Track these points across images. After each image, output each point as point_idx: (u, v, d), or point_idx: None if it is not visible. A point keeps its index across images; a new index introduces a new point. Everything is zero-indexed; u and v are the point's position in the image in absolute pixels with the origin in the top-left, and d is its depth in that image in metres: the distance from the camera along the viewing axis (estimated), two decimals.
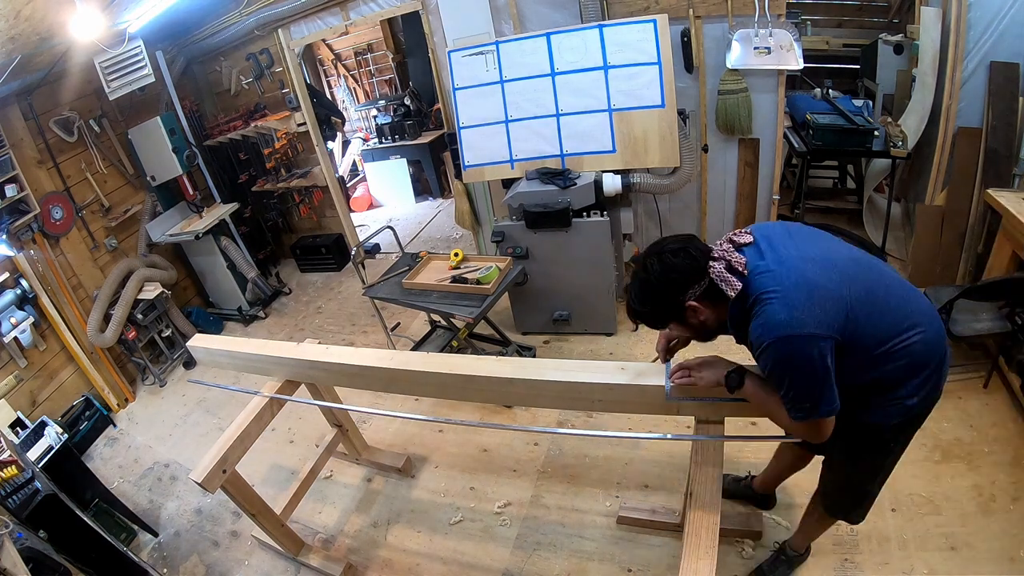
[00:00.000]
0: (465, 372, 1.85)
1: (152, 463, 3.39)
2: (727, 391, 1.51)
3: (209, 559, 2.69)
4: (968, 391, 2.68)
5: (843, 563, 2.07)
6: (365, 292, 3.25)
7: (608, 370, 1.71)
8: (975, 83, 3.04)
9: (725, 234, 1.46)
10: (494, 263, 3.08)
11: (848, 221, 4.26)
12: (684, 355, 1.71)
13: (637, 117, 3.24)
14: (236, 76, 4.77)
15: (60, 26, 2.99)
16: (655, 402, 1.68)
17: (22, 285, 3.60)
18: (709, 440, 1.62)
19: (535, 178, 3.33)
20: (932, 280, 3.28)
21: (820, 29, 4.93)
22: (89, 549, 2.27)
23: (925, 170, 3.40)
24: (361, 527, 2.66)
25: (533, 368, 1.79)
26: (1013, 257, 2.68)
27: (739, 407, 1.59)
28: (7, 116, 3.60)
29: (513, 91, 3.41)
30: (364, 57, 7.23)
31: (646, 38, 3.11)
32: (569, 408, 2.02)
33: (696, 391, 1.59)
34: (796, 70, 3.32)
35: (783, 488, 2.33)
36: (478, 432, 2.99)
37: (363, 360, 2.07)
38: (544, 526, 2.46)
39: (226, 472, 2.03)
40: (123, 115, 4.36)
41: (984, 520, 2.13)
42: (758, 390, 1.47)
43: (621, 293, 3.78)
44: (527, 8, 3.56)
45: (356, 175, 7.26)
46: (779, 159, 3.62)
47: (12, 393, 3.45)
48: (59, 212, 3.81)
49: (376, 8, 3.91)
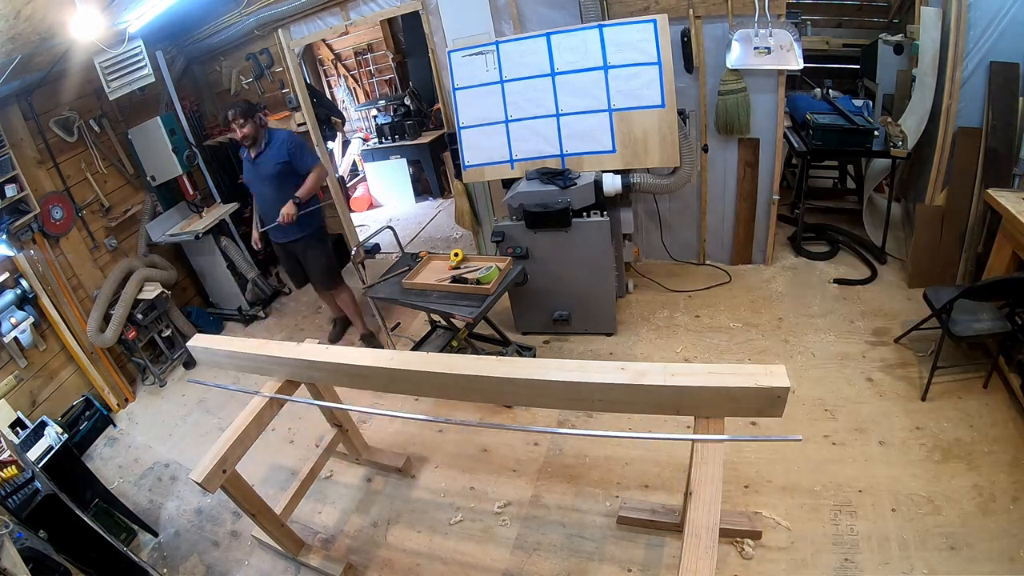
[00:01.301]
0: (465, 372, 1.85)
1: (152, 463, 3.39)
2: (297, 205, 3.28)
3: (209, 559, 2.69)
4: (968, 391, 2.68)
5: (843, 563, 2.07)
6: (365, 292, 3.25)
7: (608, 370, 1.71)
8: (975, 83, 3.04)
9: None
10: (494, 263, 3.08)
11: (848, 221, 4.26)
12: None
13: (637, 117, 3.24)
14: (236, 76, 4.77)
15: (60, 26, 2.99)
16: (655, 402, 1.68)
17: (22, 285, 3.60)
18: (709, 440, 1.62)
19: (535, 178, 3.33)
20: (932, 280, 3.28)
21: (820, 29, 4.94)
22: (89, 549, 2.27)
23: (925, 170, 3.41)
24: (361, 527, 2.66)
25: (533, 368, 1.79)
26: (1013, 257, 2.68)
27: (738, 407, 1.59)
28: (7, 116, 3.60)
29: (513, 91, 3.41)
30: (364, 57, 7.24)
31: (646, 38, 3.11)
32: (569, 408, 2.02)
33: (291, 214, 3.21)
34: (796, 70, 3.32)
35: (783, 487, 2.33)
36: (478, 432, 2.99)
37: (363, 360, 2.07)
38: (544, 526, 2.46)
39: (226, 472, 2.03)
40: (123, 115, 4.36)
41: (984, 520, 2.12)
42: (303, 188, 3.33)
43: (621, 292, 3.78)
44: (527, 8, 3.57)
45: (356, 175, 7.27)
46: (779, 159, 3.63)
47: (12, 393, 3.44)
48: (59, 212, 3.81)
49: (376, 8, 3.91)
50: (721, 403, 1.61)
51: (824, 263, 3.89)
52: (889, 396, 2.75)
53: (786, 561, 2.12)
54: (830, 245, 4.04)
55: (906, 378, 2.83)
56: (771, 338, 3.28)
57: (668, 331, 3.52)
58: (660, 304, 3.77)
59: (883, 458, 2.44)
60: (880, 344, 3.09)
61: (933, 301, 2.70)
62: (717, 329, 3.45)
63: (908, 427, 2.56)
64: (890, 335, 3.12)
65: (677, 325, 3.56)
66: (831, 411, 2.72)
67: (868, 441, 2.53)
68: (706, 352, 3.26)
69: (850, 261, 3.88)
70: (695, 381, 1.60)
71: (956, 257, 3.29)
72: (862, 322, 3.27)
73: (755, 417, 1.68)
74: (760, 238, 3.92)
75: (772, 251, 3.95)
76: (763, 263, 3.98)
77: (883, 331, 3.17)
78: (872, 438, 2.54)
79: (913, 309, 3.21)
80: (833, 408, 2.74)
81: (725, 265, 4.05)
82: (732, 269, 3.99)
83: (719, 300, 3.71)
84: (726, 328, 3.44)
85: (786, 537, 2.20)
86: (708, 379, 1.60)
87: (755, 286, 3.79)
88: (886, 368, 2.92)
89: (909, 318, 3.11)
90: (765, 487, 2.39)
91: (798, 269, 3.89)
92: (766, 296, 3.67)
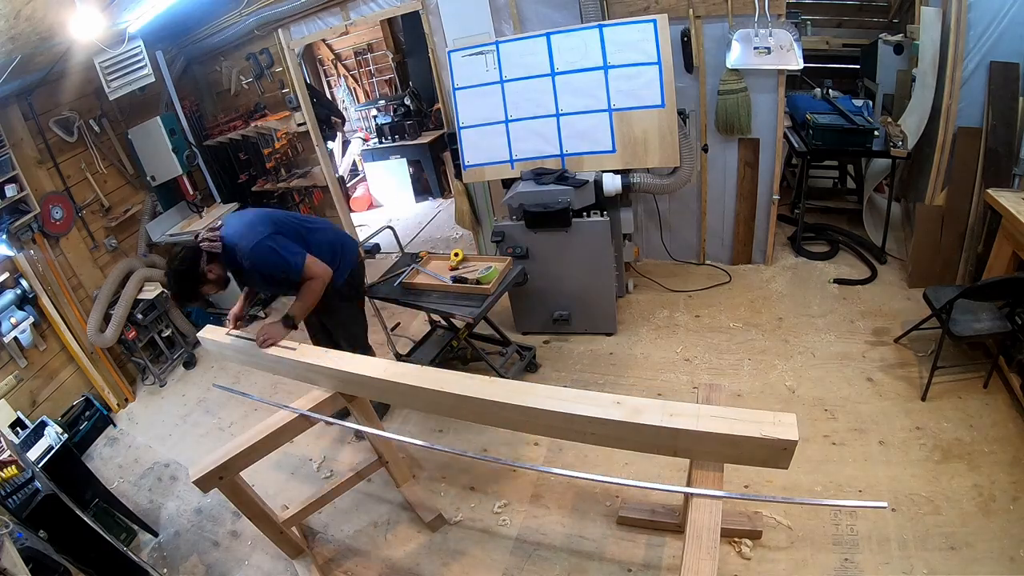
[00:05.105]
0: (455, 391, 1.79)
1: (152, 463, 3.39)
2: (291, 327, 2.36)
3: (209, 559, 2.69)
4: (968, 391, 2.68)
5: (843, 563, 2.07)
6: (365, 292, 3.25)
7: (604, 403, 1.63)
8: (975, 83, 3.04)
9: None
10: (494, 263, 3.08)
11: (848, 221, 4.26)
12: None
13: (637, 117, 3.24)
14: (236, 76, 4.77)
15: (60, 26, 2.99)
16: (651, 442, 1.62)
17: (22, 285, 3.60)
18: (704, 495, 1.52)
19: (535, 178, 3.33)
20: (932, 280, 3.28)
21: (820, 29, 4.94)
22: (89, 549, 2.27)
23: (925, 170, 3.40)
24: (361, 527, 2.66)
25: (525, 393, 1.73)
26: (1013, 257, 2.68)
27: (739, 455, 1.53)
28: (7, 116, 3.60)
29: (513, 91, 3.41)
30: (364, 57, 7.23)
31: (646, 38, 3.11)
32: (560, 438, 1.96)
33: (275, 340, 2.29)
34: (796, 70, 3.32)
35: (784, 487, 2.33)
36: (479, 432, 2.99)
37: (357, 369, 2.06)
38: (544, 526, 2.46)
39: (223, 479, 2.01)
40: (123, 115, 4.36)
41: (984, 520, 2.12)
42: (295, 305, 2.41)
43: (621, 292, 3.78)
44: (527, 8, 3.56)
45: (356, 175, 7.26)
46: (779, 159, 3.63)
47: (12, 393, 3.44)
48: (59, 212, 3.81)
49: (376, 8, 3.91)
50: (721, 450, 1.53)
51: (824, 263, 3.89)
52: (889, 396, 2.75)
53: (786, 561, 2.12)
54: (830, 245, 4.04)
55: (906, 378, 2.83)
56: (771, 338, 3.28)
57: (668, 331, 3.51)
58: (660, 304, 3.77)
59: (883, 458, 2.44)
60: (880, 344, 3.09)
61: (933, 301, 2.70)
62: (717, 329, 3.45)
63: (908, 427, 2.56)
64: (890, 335, 3.12)
65: (677, 325, 3.55)
66: (831, 411, 2.72)
67: (868, 441, 2.53)
68: (706, 352, 3.26)
69: (850, 261, 3.88)
70: (695, 425, 1.52)
71: (956, 257, 3.29)
72: (862, 322, 3.27)
73: (758, 467, 1.59)
74: (760, 238, 3.92)
75: (772, 251, 3.95)
76: (763, 263, 3.98)
77: (883, 331, 3.17)
78: (872, 438, 2.54)
79: (913, 309, 3.21)
80: (833, 408, 2.73)
81: (725, 265, 4.04)
82: (732, 269, 3.99)
83: (719, 300, 3.71)
84: (726, 328, 3.44)
85: (786, 537, 2.20)
86: (709, 424, 1.51)
87: (755, 286, 3.78)
88: (886, 368, 2.92)
89: (909, 318, 3.11)
90: (765, 487, 2.39)
91: (798, 269, 3.89)
92: (766, 296, 3.66)
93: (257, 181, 5.15)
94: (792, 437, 1.43)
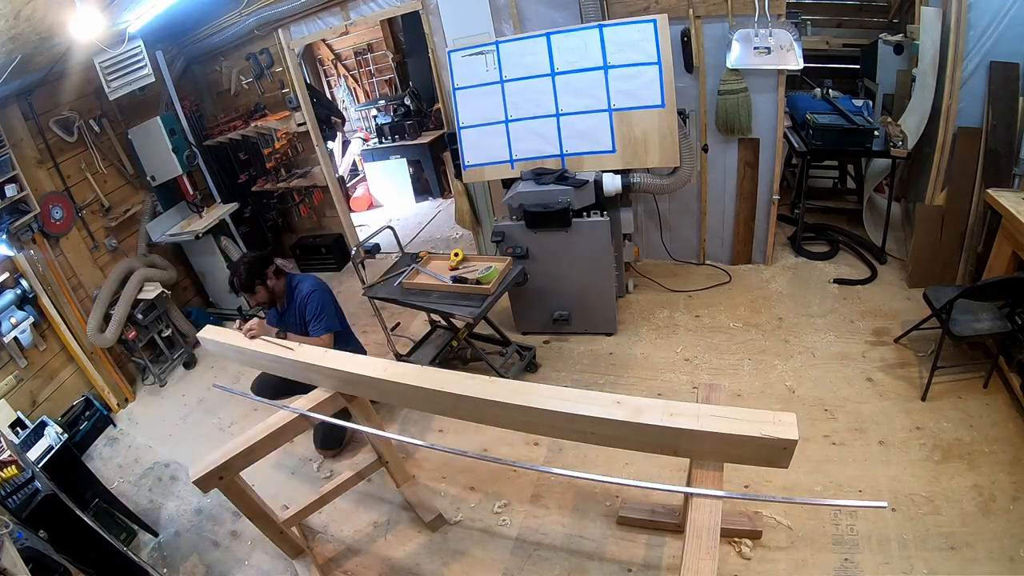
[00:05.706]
0: (455, 391, 1.79)
1: (152, 463, 3.39)
2: (280, 334, 2.44)
3: (209, 559, 2.69)
4: (968, 391, 2.68)
5: (843, 563, 2.07)
6: (365, 292, 3.25)
7: (604, 403, 1.63)
8: (975, 83, 3.04)
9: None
10: (494, 263, 3.08)
11: (848, 221, 4.26)
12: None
13: (637, 117, 3.24)
14: (236, 76, 4.77)
15: (60, 26, 2.99)
16: (652, 441, 1.62)
17: (22, 285, 3.60)
18: (703, 495, 1.52)
19: (535, 178, 3.33)
20: (932, 280, 3.28)
21: (820, 29, 4.94)
22: (89, 549, 2.27)
23: (925, 170, 3.40)
24: (361, 527, 2.66)
25: (528, 394, 1.72)
26: (1013, 257, 2.68)
27: (740, 455, 1.53)
28: (7, 116, 3.60)
29: (513, 91, 3.41)
30: (364, 57, 7.23)
31: (646, 38, 3.11)
32: (562, 438, 1.96)
33: (258, 334, 2.40)
34: (796, 70, 3.32)
35: (784, 487, 2.33)
36: (479, 431, 2.99)
37: (355, 368, 2.06)
38: (544, 526, 2.46)
39: (223, 479, 2.01)
40: (123, 115, 4.36)
41: (984, 520, 2.12)
42: (295, 335, 2.54)
43: (621, 292, 3.78)
44: (527, 8, 3.57)
45: (356, 175, 7.26)
46: (779, 159, 3.63)
47: (12, 393, 3.44)
48: (59, 212, 3.80)
49: (376, 8, 3.91)
50: (722, 450, 1.54)
51: (824, 263, 3.89)
52: (889, 396, 2.75)
53: (786, 561, 2.12)
54: (830, 245, 4.04)
55: (906, 378, 2.83)
56: (771, 338, 3.28)
57: (668, 331, 3.51)
58: (660, 304, 3.77)
59: (883, 458, 2.44)
60: (880, 344, 3.09)
61: (933, 301, 2.70)
62: (717, 329, 3.45)
63: (908, 427, 2.56)
64: (890, 335, 3.12)
65: (677, 325, 3.55)
66: (831, 411, 2.72)
67: (868, 441, 2.53)
68: (706, 352, 3.26)
69: (850, 261, 3.88)
70: (695, 424, 1.52)
71: (956, 257, 3.29)
72: (862, 322, 3.27)
73: (758, 467, 1.60)
74: (760, 238, 3.92)
75: (772, 251, 3.95)
76: (763, 263, 3.98)
77: (883, 331, 3.17)
78: (872, 438, 2.55)
79: (913, 309, 3.21)
80: (833, 408, 2.74)
81: (725, 265, 4.05)
82: (732, 269, 3.99)
83: (719, 300, 3.71)
84: (726, 328, 3.44)
85: (786, 537, 2.20)
86: (710, 423, 1.51)
87: (755, 286, 3.79)
88: (886, 368, 2.92)
89: (909, 318, 3.11)
90: (765, 487, 2.39)
91: (798, 269, 3.89)
92: (766, 296, 3.67)
93: (257, 181, 5.15)
94: (792, 437, 1.44)
